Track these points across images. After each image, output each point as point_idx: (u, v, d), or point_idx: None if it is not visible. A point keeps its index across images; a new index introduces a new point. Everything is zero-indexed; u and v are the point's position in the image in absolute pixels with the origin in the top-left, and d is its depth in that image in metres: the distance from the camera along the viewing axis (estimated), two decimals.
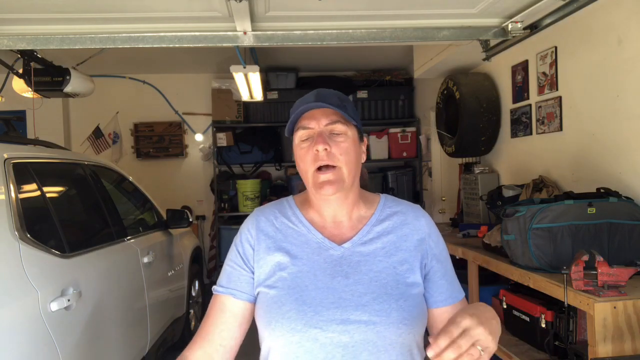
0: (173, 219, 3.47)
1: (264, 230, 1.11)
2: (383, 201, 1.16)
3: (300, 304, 1.00)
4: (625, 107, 2.16)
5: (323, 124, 1.05)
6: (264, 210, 1.16)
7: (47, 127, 4.44)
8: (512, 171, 3.19)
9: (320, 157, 1.03)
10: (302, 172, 1.08)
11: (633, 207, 1.93)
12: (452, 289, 1.11)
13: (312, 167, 1.04)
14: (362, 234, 1.09)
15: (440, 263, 1.11)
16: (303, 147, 1.07)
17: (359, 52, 4.92)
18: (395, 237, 1.10)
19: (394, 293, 1.02)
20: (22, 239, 1.73)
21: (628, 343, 1.53)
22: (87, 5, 2.18)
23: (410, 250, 1.09)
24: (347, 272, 1.04)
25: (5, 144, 2.05)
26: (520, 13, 2.35)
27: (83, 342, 1.93)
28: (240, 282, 1.08)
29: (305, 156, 1.06)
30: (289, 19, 2.42)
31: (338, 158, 1.04)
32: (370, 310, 0.99)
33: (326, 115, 1.06)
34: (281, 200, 1.20)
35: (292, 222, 1.12)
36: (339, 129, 1.06)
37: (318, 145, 1.02)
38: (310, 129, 1.06)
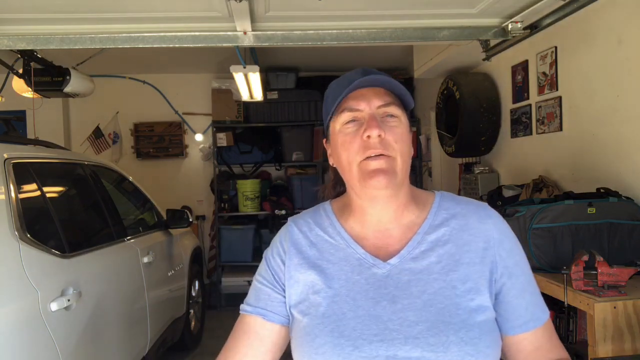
0: (173, 219, 3.47)
1: (297, 243, 0.94)
2: (438, 201, 0.95)
3: (336, 337, 0.82)
4: (625, 107, 2.16)
5: (375, 106, 0.87)
6: (297, 220, 0.98)
7: (47, 127, 4.43)
8: (512, 171, 3.19)
9: (372, 145, 0.84)
10: (343, 163, 0.88)
11: (633, 207, 1.93)
12: (534, 310, 0.88)
13: (360, 157, 0.85)
14: (413, 246, 0.88)
15: (516, 278, 0.88)
16: (348, 133, 0.87)
17: (359, 52, 4.92)
18: (454, 247, 0.88)
19: (453, 321, 0.81)
20: (22, 239, 1.73)
21: (628, 343, 1.53)
22: (87, 5, 2.18)
23: (474, 264, 0.86)
24: (394, 295, 0.84)
25: (5, 144, 2.05)
26: (520, 13, 2.35)
27: (83, 342, 1.93)
28: (270, 301, 0.92)
29: (350, 144, 0.86)
30: (289, 19, 2.42)
31: (393, 146, 0.85)
32: (424, 345, 0.79)
33: (378, 95, 0.88)
34: (317, 207, 1.01)
35: (328, 234, 0.93)
36: (394, 112, 0.88)
37: (371, 130, 0.83)
38: (358, 111, 0.87)
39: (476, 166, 3.51)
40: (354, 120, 0.87)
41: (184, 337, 3.61)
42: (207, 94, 5.59)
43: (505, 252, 0.88)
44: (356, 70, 0.92)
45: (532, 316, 0.88)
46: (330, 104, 0.90)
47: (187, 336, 3.72)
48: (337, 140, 0.89)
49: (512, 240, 0.91)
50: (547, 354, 0.89)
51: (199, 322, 4.15)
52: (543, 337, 0.89)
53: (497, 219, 0.92)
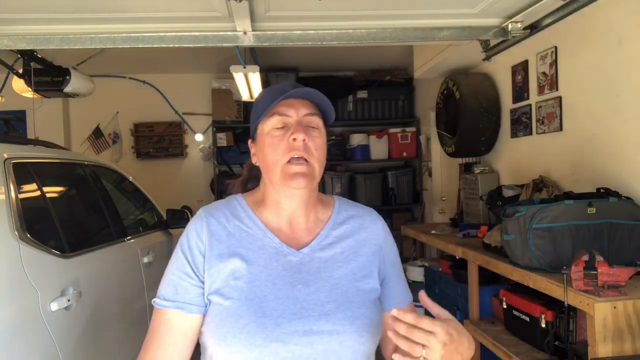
0: (173, 219, 3.47)
1: (216, 234, 1.00)
2: (338, 204, 1.11)
3: (260, 317, 0.92)
4: (625, 107, 2.16)
5: (302, 114, 0.99)
6: (212, 211, 1.05)
7: (47, 127, 4.44)
8: (512, 171, 3.19)
9: (296, 147, 0.96)
10: (268, 162, 0.99)
11: (633, 207, 1.93)
12: (405, 293, 1.11)
13: (285, 158, 0.96)
14: (321, 238, 1.03)
15: (394, 267, 1.09)
16: (276, 135, 0.98)
17: (359, 52, 4.92)
18: (353, 241, 1.05)
19: (355, 300, 0.98)
20: (22, 239, 1.73)
21: (628, 343, 1.53)
22: (87, 5, 2.18)
23: (368, 256, 1.05)
24: (307, 279, 0.97)
25: (5, 144, 2.05)
26: (520, 13, 2.35)
27: (83, 342, 1.93)
28: (189, 294, 0.97)
29: (278, 145, 0.97)
30: (289, 19, 2.42)
31: (313, 152, 0.98)
32: (334, 320, 0.94)
33: (305, 105, 1.00)
34: (229, 199, 1.10)
35: (245, 225, 1.02)
36: (316, 123, 1.00)
37: (298, 134, 0.96)
38: (287, 117, 0.98)
39: (476, 166, 3.51)
40: (282, 126, 0.99)
41: None
42: (207, 94, 5.59)
43: (389, 247, 1.10)
44: (287, 83, 1.04)
45: (404, 296, 1.10)
46: (262, 108, 1.01)
47: None
48: (265, 141, 1.00)
49: (392, 238, 1.13)
50: None
51: None
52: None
53: (382, 222, 1.13)
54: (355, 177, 5.58)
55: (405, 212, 5.72)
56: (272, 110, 0.99)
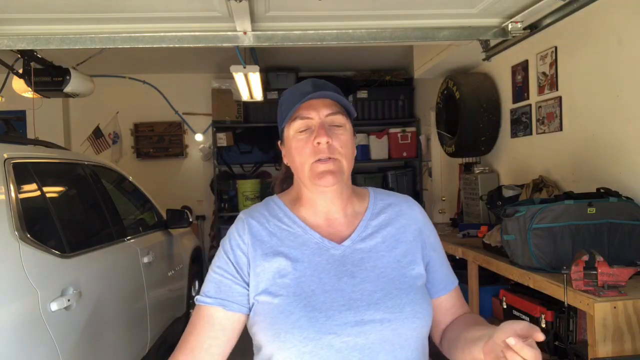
0: (173, 219, 3.47)
1: (258, 235, 1.02)
2: (373, 194, 1.13)
3: (310, 311, 0.93)
4: (625, 107, 2.16)
5: (324, 115, 1.00)
6: (252, 213, 1.07)
7: (47, 127, 4.43)
8: (512, 171, 3.19)
9: (321, 150, 0.98)
10: (296, 165, 1.02)
11: (633, 207, 1.93)
12: (450, 276, 1.11)
13: (311, 160, 0.99)
14: (360, 230, 1.05)
15: (437, 252, 1.10)
16: (300, 139, 1.00)
17: (359, 52, 4.92)
18: (393, 229, 1.07)
19: (403, 287, 0.99)
20: (22, 239, 1.73)
21: (628, 343, 1.53)
22: (87, 5, 2.17)
23: (410, 242, 1.06)
24: (352, 271, 0.99)
25: (5, 144, 2.05)
26: (520, 13, 2.35)
27: (83, 342, 1.93)
28: (231, 292, 0.99)
29: (303, 148, 1.00)
30: (289, 19, 2.42)
31: (339, 151, 0.99)
32: (384, 308, 0.95)
33: (326, 105, 1.01)
34: (266, 201, 1.12)
35: (285, 224, 1.04)
36: (340, 121, 1.01)
37: (320, 138, 0.97)
38: (309, 119, 1.00)
39: (476, 166, 3.51)
40: (306, 129, 1.00)
41: None
42: (207, 94, 5.59)
43: (429, 231, 1.11)
44: (306, 82, 1.04)
45: (448, 281, 1.10)
46: (285, 112, 1.03)
47: None
48: (291, 145, 1.03)
49: (431, 223, 1.14)
50: (457, 311, 1.11)
51: None
52: (456, 297, 1.12)
53: (420, 207, 1.14)
54: (355, 177, 5.57)
55: None
56: (294, 115, 1.01)
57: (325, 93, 0.99)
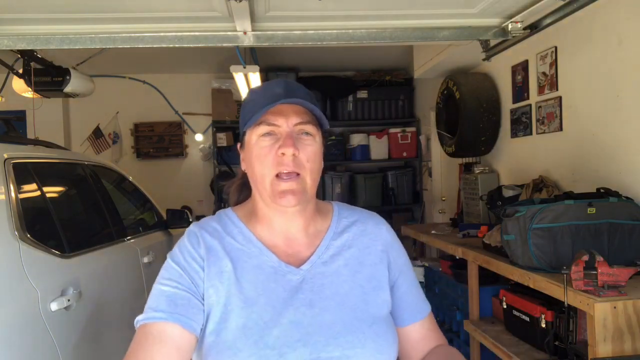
0: (173, 219, 3.47)
1: (213, 250, 0.91)
2: (337, 210, 1.02)
3: (261, 348, 0.82)
4: (625, 107, 2.16)
5: (293, 123, 0.89)
6: (206, 227, 0.95)
7: (47, 127, 4.43)
8: (512, 171, 3.19)
9: (285, 163, 0.87)
10: (256, 175, 0.91)
11: (633, 207, 1.93)
12: (420, 303, 1.01)
13: (272, 172, 0.88)
14: (321, 251, 0.94)
15: (405, 274, 1.00)
16: (264, 146, 0.89)
17: (359, 52, 4.92)
18: (357, 250, 0.96)
19: (365, 318, 0.89)
20: (22, 239, 1.73)
21: (628, 343, 1.53)
22: (87, 5, 2.17)
23: (375, 264, 0.96)
24: (310, 299, 0.88)
25: (5, 144, 2.05)
26: (520, 13, 2.35)
27: (83, 342, 1.93)
28: (190, 308, 0.85)
29: (265, 157, 0.89)
30: (289, 19, 2.42)
31: (304, 165, 0.88)
32: (344, 343, 0.85)
33: (297, 113, 0.90)
34: (219, 215, 1.00)
35: (239, 242, 0.93)
36: (310, 130, 0.91)
37: (286, 148, 0.86)
38: (275, 126, 0.89)
39: (476, 166, 3.51)
40: (270, 134, 0.90)
41: None
42: (207, 94, 5.59)
43: (397, 252, 1.01)
44: (277, 82, 0.93)
45: (419, 309, 1.00)
46: (249, 114, 0.91)
47: None
48: (252, 151, 0.92)
49: (399, 243, 1.04)
50: (430, 342, 0.99)
51: None
52: (427, 327, 1.01)
53: (387, 225, 1.04)
54: (355, 177, 5.58)
55: (405, 212, 5.72)
56: (260, 119, 0.89)
57: (296, 100, 0.89)
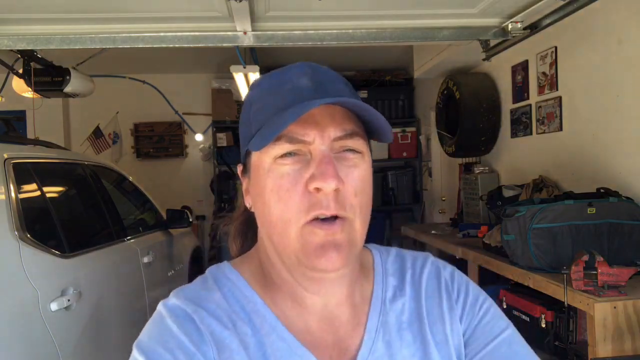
0: (173, 219, 3.47)
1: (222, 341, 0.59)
2: (380, 262, 0.70)
3: None
4: (625, 107, 2.16)
5: (331, 137, 0.57)
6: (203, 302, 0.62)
7: (47, 127, 4.43)
8: (512, 171, 3.19)
9: (323, 202, 0.55)
10: (273, 219, 0.58)
11: (633, 207, 1.93)
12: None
13: (302, 218, 0.56)
14: (372, 334, 0.63)
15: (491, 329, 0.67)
16: (285, 175, 0.57)
17: (359, 52, 4.92)
18: (418, 323, 0.65)
19: None
20: (22, 239, 1.73)
21: (628, 343, 1.53)
22: (87, 5, 2.18)
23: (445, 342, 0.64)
24: None
25: (5, 144, 2.05)
26: (520, 13, 2.35)
27: (83, 342, 1.93)
28: None
29: (288, 193, 0.56)
30: (289, 19, 2.42)
31: (351, 202, 0.57)
32: None
33: (337, 119, 0.57)
34: (217, 276, 0.66)
35: (254, 327, 0.61)
36: (357, 147, 0.58)
37: (326, 181, 0.54)
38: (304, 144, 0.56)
39: (476, 166, 3.51)
40: (294, 154, 0.57)
41: None
42: (207, 94, 5.59)
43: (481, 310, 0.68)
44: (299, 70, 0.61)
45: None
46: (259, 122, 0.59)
47: None
48: (265, 180, 0.58)
49: (477, 290, 0.70)
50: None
51: None
52: None
53: (453, 270, 0.71)
54: None
55: (405, 212, 5.72)
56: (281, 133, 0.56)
57: (342, 100, 0.55)
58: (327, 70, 0.63)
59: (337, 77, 0.63)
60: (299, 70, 0.61)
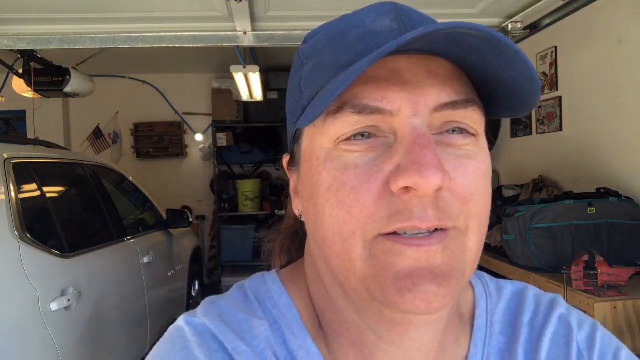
0: (173, 219, 3.47)
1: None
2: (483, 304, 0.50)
3: None
4: (625, 107, 2.16)
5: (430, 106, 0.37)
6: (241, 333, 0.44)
7: (47, 127, 4.43)
8: (512, 171, 3.19)
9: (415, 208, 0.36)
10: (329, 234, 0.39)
11: (633, 207, 1.93)
12: None
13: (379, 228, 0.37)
14: None
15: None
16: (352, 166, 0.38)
17: None
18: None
19: None
20: (22, 239, 1.73)
21: (628, 343, 1.53)
22: (87, 5, 2.18)
23: None
24: None
25: (5, 144, 2.05)
26: (520, 13, 2.36)
27: (83, 342, 1.93)
28: None
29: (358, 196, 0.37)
30: (289, 19, 2.43)
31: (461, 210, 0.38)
32: None
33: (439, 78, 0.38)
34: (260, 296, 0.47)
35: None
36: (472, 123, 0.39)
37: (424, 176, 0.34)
38: (385, 114, 0.37)
39: None
40: (369, 136, 0.38)
41: None
42: (207, 94, 5.59)
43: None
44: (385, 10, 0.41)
45: None
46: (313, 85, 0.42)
47: None
48: (320, 175, 0.40)
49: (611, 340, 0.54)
50: None
51: None
52: None
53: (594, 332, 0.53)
54: None
55: None
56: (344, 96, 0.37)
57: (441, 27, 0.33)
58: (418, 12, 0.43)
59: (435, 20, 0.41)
60: (376, 11, 0.41)
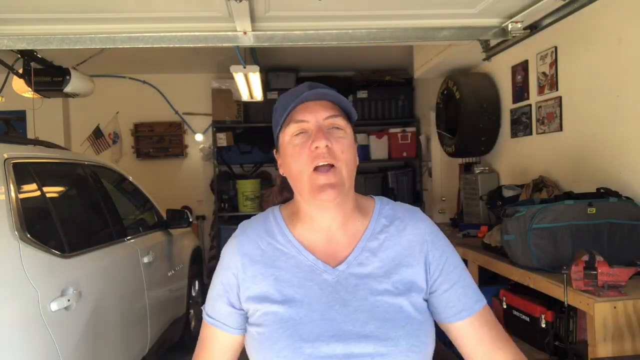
0: (173, 219, 3.47)
1: (249, 254, 0.97)
2: (378, 207, 1.01)
3: (295, 340, 0.88)
4: (625, 107, 2.16)
5: (322, 117, 0.91)
6: (247, 229, 1.01)
7: (47, 127, 4.43)
8: (512, 171, 3.19)
9: (320, 155, 0.89)
10: (294, 174, 0.94)
11: (633, 207, 1.93)
12: (466, 300, 0.95)
13: (309, 167, 0.90)
14: (357, 252, 0.95)
15: (447, 273, 0.96)
16: (296, 144, 0.92)
17: (359, 52, 4.92)
18: (393, 252, 0.95)
19: (399, 318, 0.89)
20: (22, 239, 1.73)
21: (628, 343, 1.53)
22: (87, 5, 2.18)
23: (412, 266, 0.94)
24: (345, 299, 0.91)
25: (5, 144, 2.05)
26: (520, 13, 2.35)
27: (83, 342, 1.93)
28: (222, 314, 0.98)
29: (299, 154, 0.91)
30: (289, 19, 2.42)
31: (339, 156, 0.90)
32: (376, 341, 0.87)
33: (324, 107, 0.93)
34: (267, 213, 1.04)
35: (279, 242, 0.97)
36: (340, 124, 0.93)
37: (318, 141, 0.89)
38: (305, 123, 0.92)
39: (476, 166, 3.51)
40: (302, 132, 0.92)
41: (184, 337, 3.60)
42: (207, 94, 5.59)
43: (438, 251, 0.97)
44: (302, 85, 0.96)
45: (464, 306, 0.95)
46: (279, 116, 0.95)
47: (187, 336, 3.72)
48: (287, 151, 0.94)
49: (442, 240, 0.99)
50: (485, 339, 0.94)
51: (198, 322, 4.14)
52: (481, 327, 0.95)
53: (428, 222, 1.00)
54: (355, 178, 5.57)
55: None
56: (290, 119, 0.93)
57: (322, 93, 0.92)
58: (321, 84, 0.95)
59: (328, 87, 0.93)
60: (302, 85, 0.96)
